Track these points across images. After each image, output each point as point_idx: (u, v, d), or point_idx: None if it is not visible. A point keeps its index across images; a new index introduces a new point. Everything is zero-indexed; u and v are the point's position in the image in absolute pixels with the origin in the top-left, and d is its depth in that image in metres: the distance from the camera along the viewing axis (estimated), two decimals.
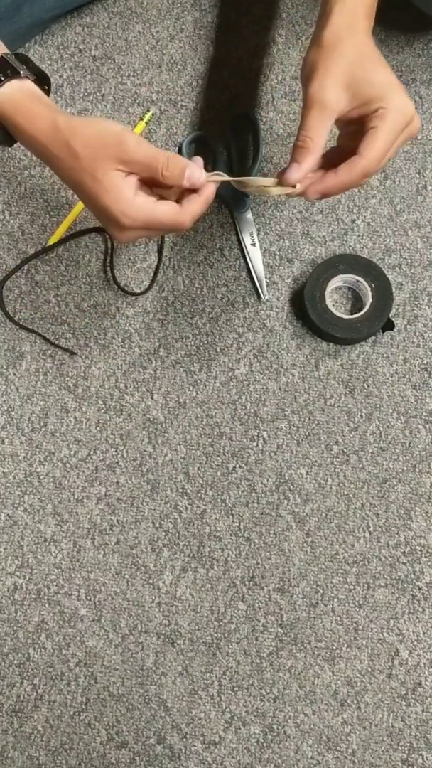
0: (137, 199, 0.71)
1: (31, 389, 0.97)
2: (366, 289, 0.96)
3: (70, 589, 0.94)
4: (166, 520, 0.94)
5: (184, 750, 0.90)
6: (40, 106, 0.73)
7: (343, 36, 0.72)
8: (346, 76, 0.71)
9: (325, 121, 0.72)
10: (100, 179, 0.70)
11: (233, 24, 1.05)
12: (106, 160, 0.70)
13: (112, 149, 0.70)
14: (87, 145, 0.70)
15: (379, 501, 0.94)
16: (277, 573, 0.93)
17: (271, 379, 0.97)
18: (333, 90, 0.71)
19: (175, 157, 0.71)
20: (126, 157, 0.70)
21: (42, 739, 0.91)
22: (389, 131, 0.71)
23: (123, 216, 0.71)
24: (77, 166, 0.71)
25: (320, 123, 0.71)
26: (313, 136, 0.72)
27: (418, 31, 1.04)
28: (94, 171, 0.70)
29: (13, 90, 0.72)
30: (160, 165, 0.71)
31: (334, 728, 0.90)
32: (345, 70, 0.71)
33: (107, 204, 0.71)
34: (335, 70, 0.71)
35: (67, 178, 0.73)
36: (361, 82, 0.71)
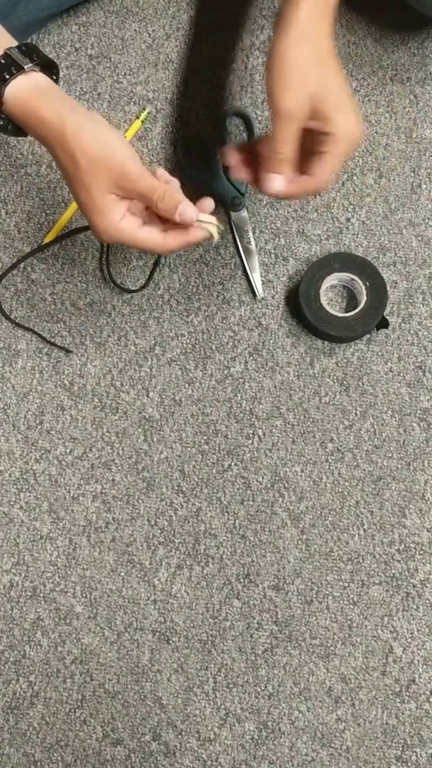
0: (123, 222, 0.74)
1: (27, 387, 0.98)
2: (361, 287, 0.96)
3: (65, 586, 0.94)
4: (161, 518, 0.95)
5: (179, 747, 0.91)
6: (49, 104, 0.73)
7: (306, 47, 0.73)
8: (310, 90, 0.72)
9: (294, 131, 0.73)
10: (92, 195, 0.73)
11: (228, 22, 1.05)
12: (104, 181, 0.72)
13: (114, 174, 0.72)
14: (90, 163, 0.71)
15: (374, 498, 0.94)
16: (272, 570, 0.93)
17: (266, 377, 0.97)
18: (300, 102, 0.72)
19: (171, 191, 0.73)
20: (127, 185, 0.72)
21: (37, 736, 0.91)
22: (339, 155, 0.74)
23: (105, 233, 0.75)
24: (76, 177, 0.73)
25: (290, 134, 0.73)
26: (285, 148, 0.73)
27: (412, 30, 1.04)
28: (90, 187, 0.72)
29: (19, 88, 0.73)
30: (155, 197, 0.73)
31: (328, 725, 0.91)
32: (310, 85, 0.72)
33: (93, 219, 0.74)
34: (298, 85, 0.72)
35: (67, 181, 0.75)
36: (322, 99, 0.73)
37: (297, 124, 0.73)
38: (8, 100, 0.73)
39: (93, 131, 0.72)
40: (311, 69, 0.73)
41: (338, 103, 0.73)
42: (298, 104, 0.72)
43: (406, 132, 1.02)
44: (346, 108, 0.74)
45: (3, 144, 1.02)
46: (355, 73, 1.04)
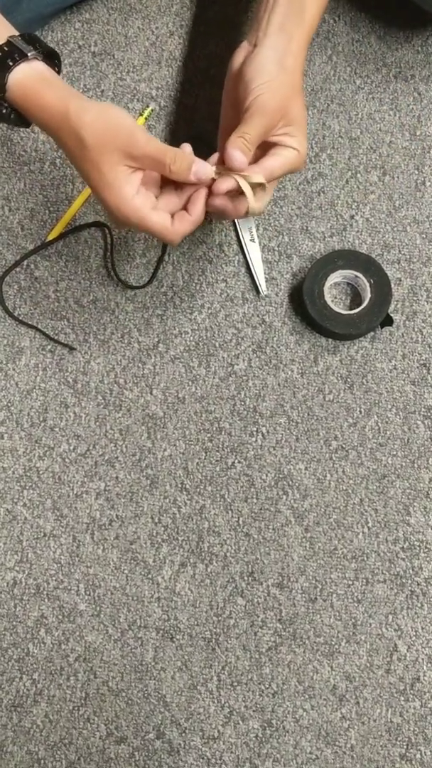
0: (136, 199, 0.73)
1: (31, 384, 0.97)
2: (365, 284, 0.96)
3: (69, 584, 0.94)
4: (165, 516, 0.95)
5: (183, 745, 0.90)
6: (51, 91, 0.73)
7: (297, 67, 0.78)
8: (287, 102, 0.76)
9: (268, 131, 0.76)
10: (104, 173, 0.72)
11: (231, 20, 1.05)
12: (114, 154, 0.71)
13: (122, 144, 0.71)
14: (96, 138, 0.71)
15: (378, 496, 0.94)
16: (276, 568, 0.93)
17: (270, 375, 0.97)
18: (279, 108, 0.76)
19: (182, 153, 0.73)
20: (135, 152, 0.71)
21: (41, 733, 0.91)
22: (288, 166, 0.77)
23: (117, 212, 0.73)
24: (84, 156, 0.72)
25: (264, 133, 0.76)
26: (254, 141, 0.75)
27: (416, 28, 1.04)
28: (100, 164, 0.72)
29: (23, 75, 0.73)
30: (167, 160, 0.72)
31: (332, 723, 0.91)
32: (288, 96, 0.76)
33: (106, 197, 0.73)
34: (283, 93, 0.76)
35: (75, 164, 0.74)
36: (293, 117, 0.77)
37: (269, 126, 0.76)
38: (11, 87, 0.73)
39: (95, 108, 0.72)
40: (294, 88, 0.77)
41: (303, 128, 0.78)
42: (279, 117, 0.76)
43: (410, 129, 1.02)
44: (304, 135, 0.78)
45: (6, 141, 1.02)
46: (359, 71, 1.03)
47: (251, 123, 0.75)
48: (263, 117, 0.75)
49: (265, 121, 0.75)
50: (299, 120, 0.77)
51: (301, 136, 0.77)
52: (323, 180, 1.01)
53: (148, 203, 0.74)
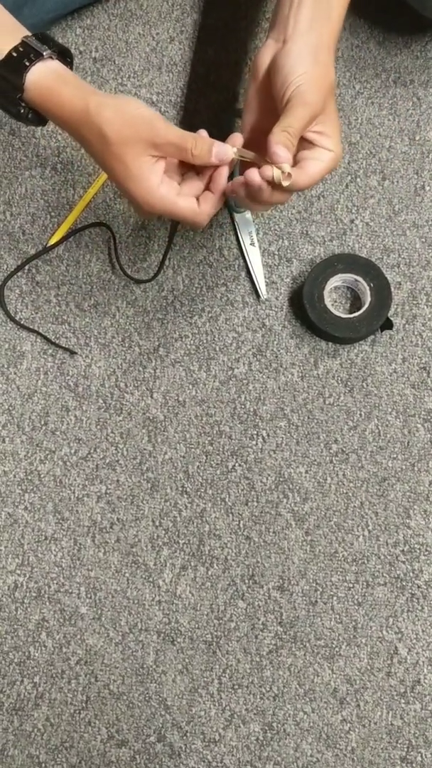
0: (161, 188, 0.74)
1: (32, 388, 0.98)
2: (365, 288, 0.97)
3: (70, 587, 0.94)
4: (165, 519, 0.95)
5: (184, 748, 0.91)
6: (69, 89, 0.74)
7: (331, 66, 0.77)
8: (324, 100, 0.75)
9: (310, 123, 0.75)
10: (128, 165, 0.73)
11: (232, 26, 1.06)
12: (137, 145, 0.72)
13: (144, 134, 0.72)
14: (118, 131, 0.72)
15: (378, 499, 0.94)
16: (277, 571, 0.93)
17: (270, 378, 0.97)
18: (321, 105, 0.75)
19: (202, 137, 0.75)
20: (158, 140, 0.73)
21: (42, 737, 0.91)
22: (326, 170, 0.76)
23: (145, 203, 0.75)
24: (108, 150, 0.73)
25: (307, 124, 0.74)
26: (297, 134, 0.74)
27: (415, 34, 1.05)
28: (123, 156, 0.73)
29: (40, 75, 0.73)
30: (189, 145, 0.74)
31: (333, 726, 0.91)
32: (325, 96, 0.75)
33: (132, 189, 0.74)
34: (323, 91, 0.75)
35: (98, 159, 0.75)
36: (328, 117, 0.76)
37: (311, 123, 0.75)
38: (28, 87, 0.73)
39: (114, 102, 0.73)
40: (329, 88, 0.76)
41: (337, 128, 0.77)
42: (321, 108, 0.75)
43: (410, 134, 1.02)
44: (338, 135, 0.77)
45: (8, 146, 1.03)
46: (358, 76, 1.04)
47: (294, 114, 0.73)
48: (306, 108, 0.74)
49: (308, 112, 0.74)
50: (333, 119, 0.77)
51: (335, 136, 0.76)
52: (323, 184, 1.01)
53: (173, 191, 0.75)
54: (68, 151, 1.02)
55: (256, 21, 1.05)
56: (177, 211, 0.76)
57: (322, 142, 0.76)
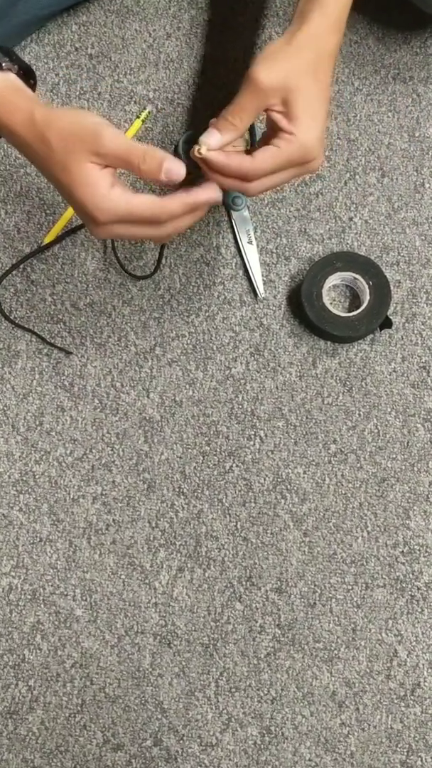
0: (113, 192, 0.69)
1: (27, 388, 0.97)
2: (364, 286, 0.95)
3: (65, 589, 0.93)
4: (162, 520, 0.94)
5: (181, 752, 0.89)
6: (20, 98, 0.71)
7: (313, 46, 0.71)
8: (293, 81, 0.70)
9: (257, 107, 0.70)
10: (73, 172, 0.68)
11: (229, 22, 1.05)
12: (80, 153, 0.68)
13: (87, 142, 0.67)
14: (61, 138, 0.68)
15: (378, 500, 0.93)
16: (275, 573, 0.92)
17: (268, 378, 0.96)
18: (276, 84, 0.70)
19: (153, 150, 0.68)
20: (101, 150, 0.67)
21: (37, 741, 0.90)
22: (285, 159, 0.71)
23: (97, 210, 0.69)
24: (51, 158, 0.69)
25: (251, 107, 0.70)
26: (241, 117, 0.70)
27: (415, 30, 1.04)
28: (67, 164, 0.68)
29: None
30: (136, 159, 0.68)
31: (332, 730, 0.89)
32: (294, 75, 0.70)
33: (80, 198, 0.69)
34: (287, 70, 0.70)
35: (44, 171, 0.71)
36: (299, 98, 0.70)
37: (260, 102, 0.70)
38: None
39: (62, 112, 0.70)
40: (303, 66, 0.71)
41: (310, 111, 0.71)
42: (272, 85, 0.69)
43: (409, 131, 1.01)
44: (315, 119, 0.71)
45: (2, 144, 1.02)
46: (357, 72, 1.03)
47: (239, 92, 0.70)
48: (248, 85, 0.69)
49: (250, 89, 0.69)
50: (304, 103, 0.70)
51: (304, 121, 0.70)
52: (321, 182, 1.00)
53: (129, 191, 0.70)
54: None
55: (254, 17, 1.04)
56: (133, 208, 0.69)
57: (283, 123, 0.70)
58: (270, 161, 0.71)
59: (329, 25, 0.73)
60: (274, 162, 0.71)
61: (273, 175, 0.73)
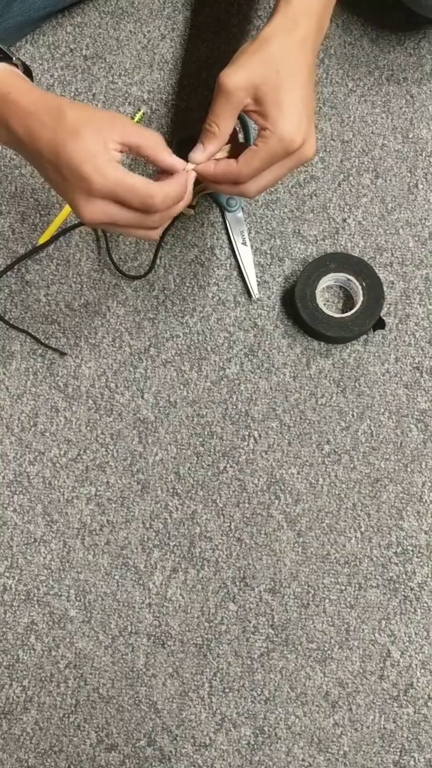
0: (115, 164, 0.68)
1: (21, 389, 0.97)
2: (357, 287, 0.96)
3: (59, 590, 0.93)
4: (156, 521, 0.94)
5: (175, 752, 0.90)
6: (31, 85, 0.72)
7: (275, 40, 0.72)
8: (258, 77, 0.71)
9: (231, 110, 0.72)
10: (83, 136, 0.67)
11: (224, 23, 1.05)
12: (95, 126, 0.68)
13: (105, 120, 0.68)
14: (79, 110, 0.68)
15: (371, 501, 0.94)
16: (268, 573, 0.92)
17: (262, 379, 0.96)
18: (242, 84, 0.70)
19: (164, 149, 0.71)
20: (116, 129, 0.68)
21: (31, 741, 0.90)
22: (266, 155, 0.72)
23: (96, 174, 0.67)
24: (61, 126, 0.67)
25: (226, 112, 0.71)
26: (218, 123, 0.72)
27: (408, 31, 1.04)
28: (80, 130, 0.67)
29: (4, 67, 0.71)
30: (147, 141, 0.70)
31: (325, 730, 0.90)
32: (260, 72, 0.71)
33: (82, 160, 0.67)
34: (251, 68, 0.71)
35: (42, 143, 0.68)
36: (267, 92, 0.71)
37: (232, 104, 0.71)
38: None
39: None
40: (268, 62, 0.71)
41: (282, 103, 0.71)
42: (237, 86, 0.70)
43: (403, 132, 1.02)
44: (289, 109, 0.71)
45: None
46: (351, 74, 1.03)
47: (210, 108, 0.71)
48: (217, 90, 0.71)
49: (219, 94, 0.71)
50: (276, 96, 0.71)
51: (277, 114, 0.70)
52: (315, 183, 1.00)
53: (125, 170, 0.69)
54: None
55: (248, 18, 1.05)
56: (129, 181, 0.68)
57: (260, 121, 0.72)
58: (253, 161, 0.72)
59: (294, 14, 0.73)
60: (257, 161, 0.72)
61: (265, 173, 0.73)
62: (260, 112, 0.71)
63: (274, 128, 0.71)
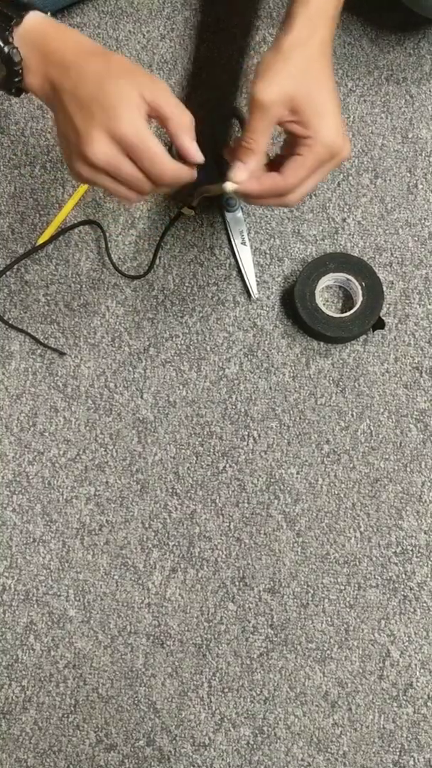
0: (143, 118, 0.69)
1: (21, 389, 0.97)
2: (357, 287, 0.96)
3: (58, 589, 0.93)
4: (155, 520, 0.94)
5: (174, 752, 0.90)
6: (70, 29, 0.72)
7: (299, 48, 0.72)
8: (292, 88, 0.71)
9: (269, 125, 0.72)
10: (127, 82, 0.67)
11: (223, 23, 1.05)
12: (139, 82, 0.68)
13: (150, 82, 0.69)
14: (128, 61, 0.69)
15: (370, 500, 0.94)
16: (268, 573, 0.92)
17: (261, 378, 0.96)
18: (278, 97, 0.71)
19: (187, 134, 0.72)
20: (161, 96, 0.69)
21: (30, 741, 0.90)
22: (313, 163, 0.72)
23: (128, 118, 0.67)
24: (109, 63, 0.68)
25: (264, 127, 0.71)
26: (256, 139, 0.72)
27: (408, 31, 1.04)
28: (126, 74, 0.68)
29: (38, 19, 0.71)
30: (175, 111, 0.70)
31: (324, 730, 0.90)
32: (293, 83, 0.71)
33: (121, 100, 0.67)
34: (283, 80, 0.71)
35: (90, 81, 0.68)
36: (303, 101, 0.71)
37: (270, 119, 0.71)
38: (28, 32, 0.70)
39: None
40: (297, 72, 0.72)
41: (319, 110, 0.72)
42: (274, 100, 0.70)
43: (402, 132, 1.02)
44: (327, 115, 0.72)
45: None
46: (350, 74, 1.03)
47: (247, 125, 0.71)
48: (253, 105, 0.70)
49: (261, 117, 0.70)
50: (313, 103, 0.71)
51: (315, 121, 0.71)
52: None
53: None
54: (57, 149, 1.01)
55: (248, 18, 1.05)
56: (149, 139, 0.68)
57: (299, 130, 0.72)
58: (300, 171, 0.72)
59: (313, 21, 0.73)
60: (304, 170, 0.72)
61: (307, 180, 0.74)
62: (299, 122, 0.72)
63: (318, 135, 0.71)
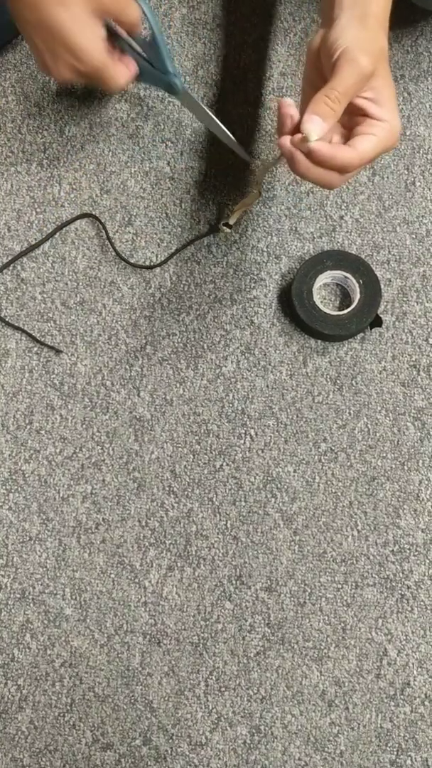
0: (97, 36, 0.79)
1: (17, 387, 0.97)
2: (354, 285, 0.95)
3: (55, 588, 0.92)
4: (152, 519, 0.93)
5: (170, 751, 0.89)
6: None
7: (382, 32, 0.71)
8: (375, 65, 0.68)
9: (359, 84, 0.67)
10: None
11: (221, 20, 1.04)
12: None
13: None
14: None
15: (368, 499, 0.93)
16: (265, 572, 0.92)
17: (258, 377, 0.96)
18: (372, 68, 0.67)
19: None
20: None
21: (26, 740, 0.90)
22: (383, 146, 0.70)
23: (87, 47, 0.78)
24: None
25: (355, 91, 0.68)
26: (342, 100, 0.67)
27: (406, 28, 1.04)
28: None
29: None
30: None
31: (321, 729, 0.89)
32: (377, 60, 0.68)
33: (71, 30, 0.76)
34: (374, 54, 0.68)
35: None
36: (381, 83, 0.69)
37: (360, 85, 0.68)
38: None
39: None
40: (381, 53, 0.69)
41: (392, 95, 0.70)
42: (371, 69, 0.68)
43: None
44: (395, 102, 0.71)
45: None
46: None
47: (339, 75, 0.67)
48: (352, 66, 0.67)
49: (355, 71, 0.67)
50: (387, 85, 0.69)
51: (389, 104, 0.69)
52: None
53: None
54: (54, 146, 1.01)
55: (245, 15, 1.04)
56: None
57: (373, 110, 0.69)
58: (371, 151, 0.69)
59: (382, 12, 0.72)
60: (374, 151, 0.69)
61: (368, 162, 0.71)
62: (377, 101, 0.69)
63: (391, 120, 0.69)
